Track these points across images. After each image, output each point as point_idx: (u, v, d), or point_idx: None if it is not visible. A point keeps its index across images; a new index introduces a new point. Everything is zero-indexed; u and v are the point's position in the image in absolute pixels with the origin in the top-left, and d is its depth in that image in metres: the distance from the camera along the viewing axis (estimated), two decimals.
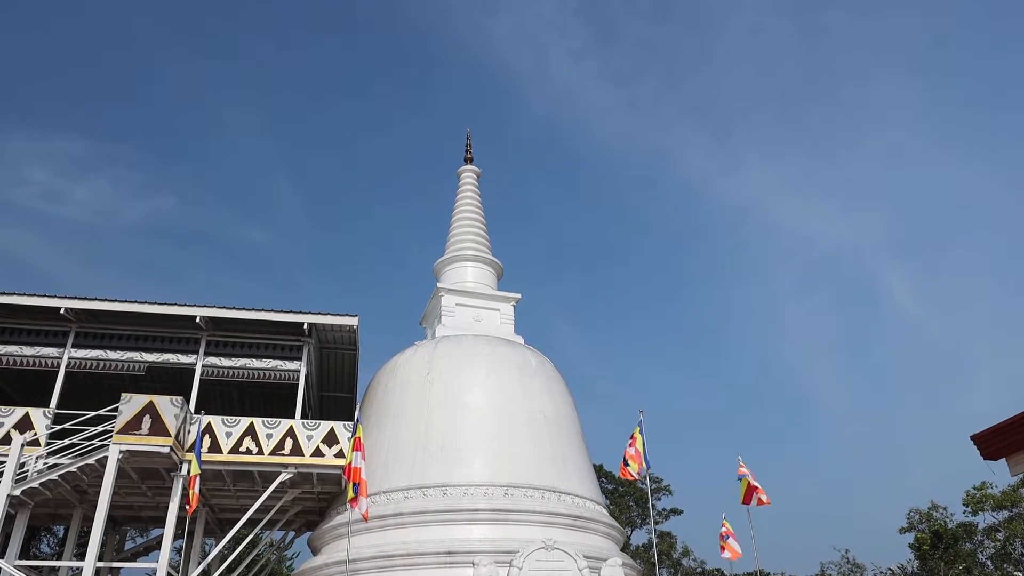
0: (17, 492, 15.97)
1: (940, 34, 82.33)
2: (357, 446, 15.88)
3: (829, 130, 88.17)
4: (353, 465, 15.78)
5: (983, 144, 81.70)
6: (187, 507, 16.29)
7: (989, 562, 32.50)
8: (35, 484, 16.13)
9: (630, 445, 17.93)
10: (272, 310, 19.45)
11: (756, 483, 17.62)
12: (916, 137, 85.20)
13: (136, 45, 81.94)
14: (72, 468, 16.27)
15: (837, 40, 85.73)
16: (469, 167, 28.11)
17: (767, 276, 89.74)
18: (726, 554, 17.86)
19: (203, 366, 19.44)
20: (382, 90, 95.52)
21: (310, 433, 18.76)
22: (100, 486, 16.07)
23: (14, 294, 18.46)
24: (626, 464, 17.65)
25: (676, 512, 41.01)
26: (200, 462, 16.61)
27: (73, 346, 19.06)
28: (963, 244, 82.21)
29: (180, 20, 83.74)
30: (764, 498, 17.44)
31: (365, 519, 15.90)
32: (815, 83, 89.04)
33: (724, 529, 18.05)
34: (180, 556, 24.98)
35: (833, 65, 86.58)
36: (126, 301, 18.92)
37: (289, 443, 18.50)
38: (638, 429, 18.15)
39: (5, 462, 16.28)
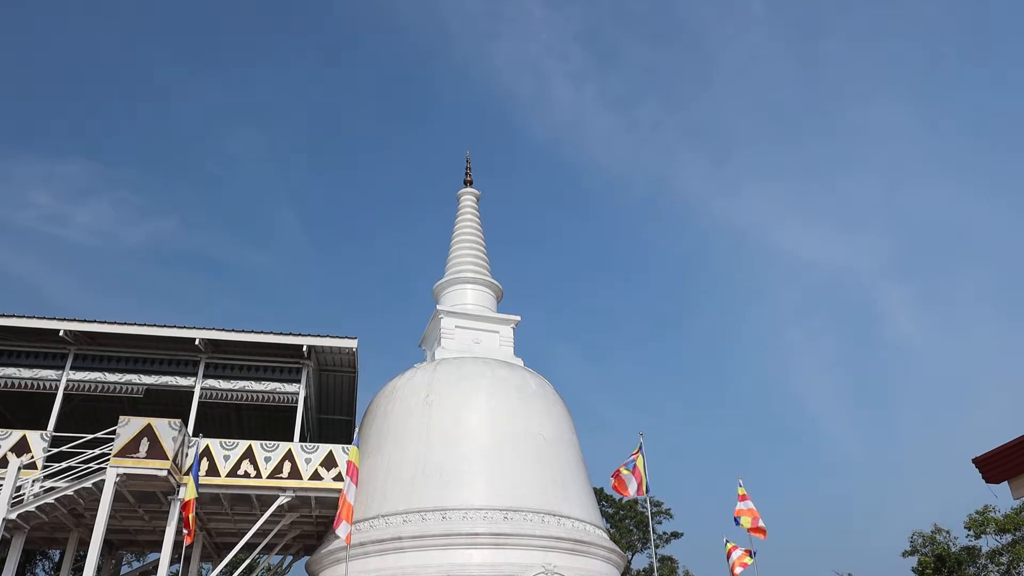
0: (13, 516, 15.85)
1: (936, 59, 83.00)
2: (349, 470, 15.80)
3: (828, 153, 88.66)
4: (343, 492, 15.69)
5: (981, 167, 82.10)
6: (185, 532, 16.13)
7: None
8: (31, 508, 16.01)
9: (626, 465, 18.14)
10: (271, 332, 19.42)
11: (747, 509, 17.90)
12: (914, 160, 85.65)
13: (138, 69, 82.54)
14: (69, 491, 16.16)
15: (835, 65, 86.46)
16: (469, 190, 28.21)
17: (768, 299, 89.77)
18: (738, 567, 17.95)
19: (202, 388, 19.38)
20: (383, 114, 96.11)
21: (308, 456, 18.67)
22: (97, 509, 15.95)
23: (13, 316, 18.44)
24: (620, 479, 17.86)
25: (677, 535, 40.71)
26: (197, 485, 16.50)
27: (71, 368, 19.01)
28: (963, 267, 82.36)
29: (182, 44, 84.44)
30: (757, 525, 17.78)
31: (347, 543, 15.82)
32: (813, 107, 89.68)
33: (740, 552, 18.13)
34: None
35: (831, 90, 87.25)
36: (125, 323, 18.91)
37: (287, 466, 18.40)
38: (639, 450, 18.30)
39: (1, 485, 16.17)
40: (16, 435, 17.56)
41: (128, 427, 16.56)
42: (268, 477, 18.19)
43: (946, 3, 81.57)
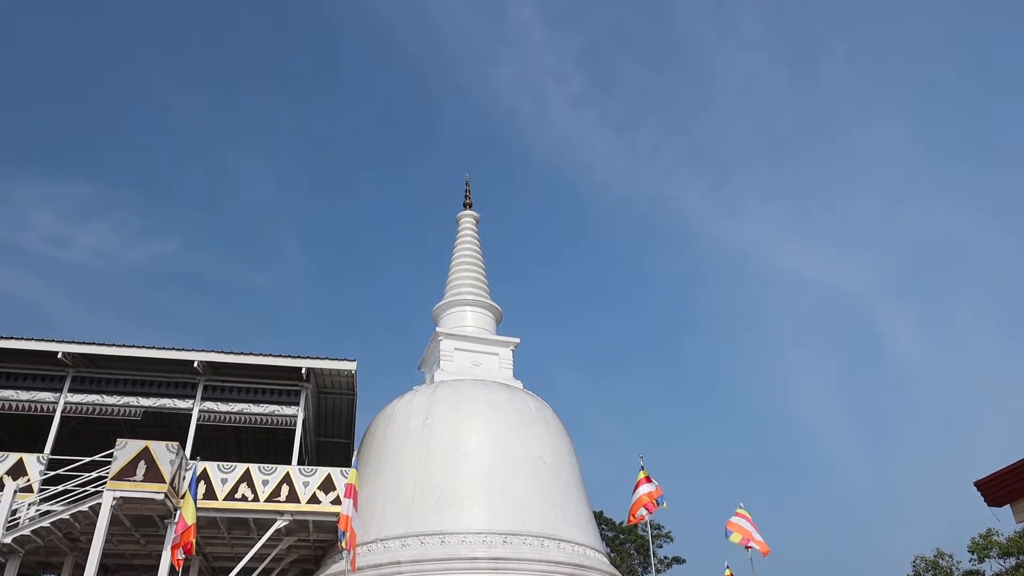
0: (8, 540, 15.73)
1: (935, 80, 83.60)
2: (349, 492, 15.72)
3: (827, 174, 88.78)
4: (343, 512, 15.61)
5: (980, 187, 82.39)
6: (181, 556, 15.96)
7: None
8: (27, 531, 15.89)
9: (639, 485, 18.25)
10: (270, 354, 19.40)
11: (751, 530, 18.00)
12: (913, 180, 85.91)
13: (139, 88, 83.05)
14: (65, 515, 16.04)
15: (833, 86, 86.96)
16: (468, 212, 28.31)
17: (768, 319, 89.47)
18: None
19: (200, 411, 19.31)
20: (384, 135, 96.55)
21: (307, 479, 18.55)
22: (93, 533, 15.82)
23: (11, 338, 18.42)
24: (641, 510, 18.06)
25: (678, 560, 40.37)
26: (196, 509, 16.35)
27: (69, 391, 18.95)
28: (962, 287, 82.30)
29: (186, 66, 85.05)
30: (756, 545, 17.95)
31: (352, 569, 15.70)
32: (812, 128, 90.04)
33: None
34: None
35: (829, 110, 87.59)
36: (123, 345, 18.88)
37: (285, 490, 18.28)
38: (644, 472, 18.39)
39: None
40: (13, 458, 17.48)
41: (125, 450, 16.47)
42: (266, 501, 18.06)
43: (944, 24, 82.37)
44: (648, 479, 18.50)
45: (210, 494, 17.75)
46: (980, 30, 79.47)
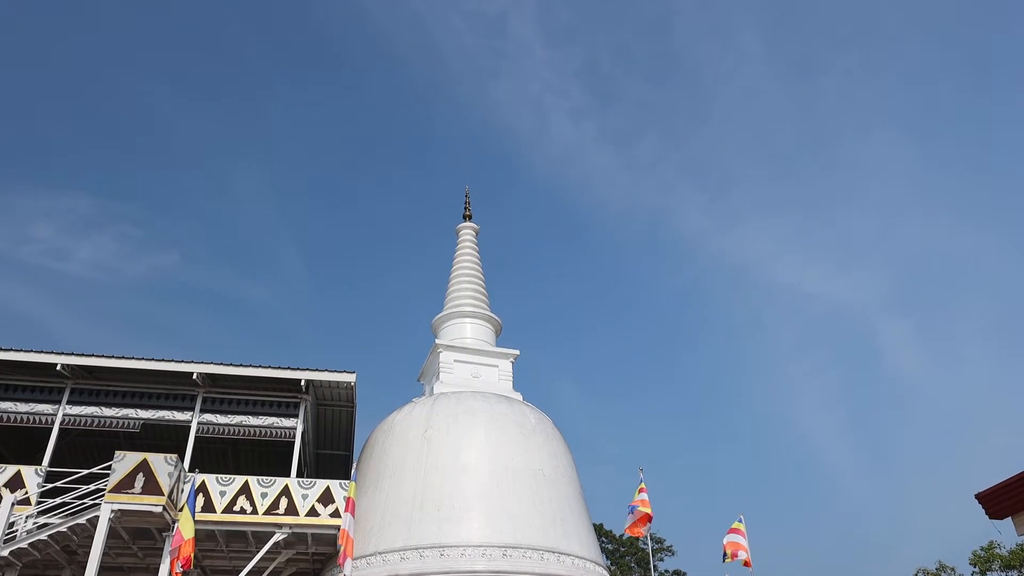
0: (5, 552, 15.66)
1: (933, 94, 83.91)
2: (348, 506, 15.69)
3: (826, 188, 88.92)
4: (343, 527, 15.58)
5: (979, 201, 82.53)
6: (180, 568, 15.89)
7: None
8: (24, 544, 15.82)
9: (639, 502, 18.24)
10: (269, 366, 19.37)
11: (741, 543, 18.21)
12: (912, 194, 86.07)
13: (141, 101, 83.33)
14: (62, 528, 15.98)
15: (831, 101, 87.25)
16: (468, 224, 28.35)
17: (768, 334, 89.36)
18: None
19: (199, 423, 19.27)
20: (384, 148, 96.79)
21: (305, 492, 18.49)
22: (90, 546, 15.75)
23: (11, 350, 18.40)
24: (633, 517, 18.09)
25: (679, 574, 40.21)
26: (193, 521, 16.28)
27: (68, 403, 18.90)
28: (962, 300, 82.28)
29: (186, 79, 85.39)
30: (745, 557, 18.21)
31: None
32: (811, 142, 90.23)
33: None
34: None
35: (828, 125, 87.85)
36: (122, 357, 18.86)
37: (284, 502, 18.21)
38: (643, 485, 18.39)
39: None
40: (11, 470, 17.43)
41: (124, 462, 16.43)
42: (264, 513, 17.99)
43: (942, 38, 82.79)
44: (644, 499, 18.54)
45: (208, 507, 17.68)
46: (979, 43, 79.90)
